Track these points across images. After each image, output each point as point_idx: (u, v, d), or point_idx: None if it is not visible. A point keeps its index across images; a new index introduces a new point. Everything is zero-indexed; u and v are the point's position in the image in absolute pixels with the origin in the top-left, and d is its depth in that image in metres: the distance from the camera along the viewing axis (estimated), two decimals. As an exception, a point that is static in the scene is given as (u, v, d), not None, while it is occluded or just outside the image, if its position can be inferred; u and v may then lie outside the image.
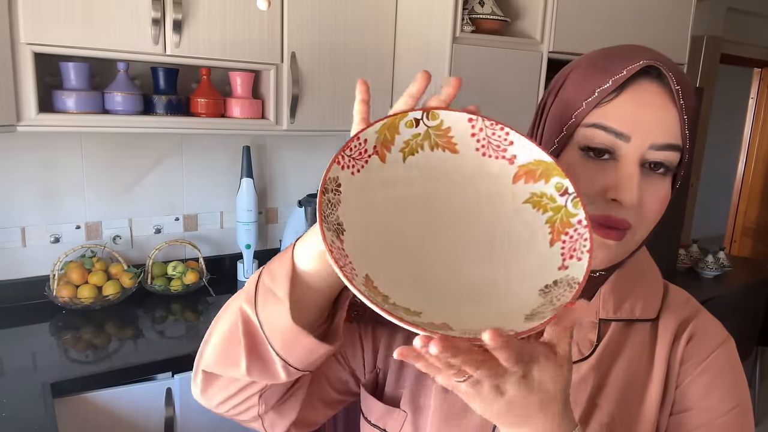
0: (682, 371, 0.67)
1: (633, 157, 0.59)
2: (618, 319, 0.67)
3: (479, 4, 1.90)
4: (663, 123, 0.59)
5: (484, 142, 0.54)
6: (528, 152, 0.54)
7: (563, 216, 0.52)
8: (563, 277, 0.49)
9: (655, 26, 2.31)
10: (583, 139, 0.61)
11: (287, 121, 1.82)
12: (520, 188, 0.54)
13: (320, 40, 1.83)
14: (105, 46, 1.51)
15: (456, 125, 0.54)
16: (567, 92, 0.63)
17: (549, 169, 0.53)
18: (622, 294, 0.68)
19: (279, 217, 2.27)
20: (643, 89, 0.59)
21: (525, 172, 0.54)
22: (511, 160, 0.54)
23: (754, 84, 4.88)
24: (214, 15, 1.64)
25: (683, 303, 0.71)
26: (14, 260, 1.80)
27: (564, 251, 0.51)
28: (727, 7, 3.67)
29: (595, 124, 0.60)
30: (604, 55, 0.63)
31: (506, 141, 0.54)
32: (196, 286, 1.96)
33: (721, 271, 2.95)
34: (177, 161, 2.01)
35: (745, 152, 5.04)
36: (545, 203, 0.53)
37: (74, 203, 1.86)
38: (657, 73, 0.59)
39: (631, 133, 0.59)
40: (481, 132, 0.54)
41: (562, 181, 0.53)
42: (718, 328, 0.70)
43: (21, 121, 1.46)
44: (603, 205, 0.60)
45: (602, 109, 0.60)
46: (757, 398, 3.22)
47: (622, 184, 0.59)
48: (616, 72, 0.60)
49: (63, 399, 1.38)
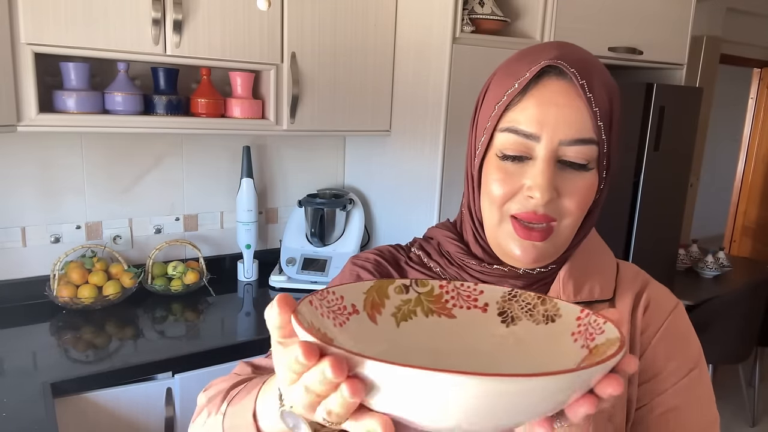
0: (643, 340, 0.70)
1: (544, 154, 0.61)
2: (579, 302, 0.69)
3: (479, 4, 1.90)
4: (570, 118, 0.61)
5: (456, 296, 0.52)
6: (494, 293, 0.52)
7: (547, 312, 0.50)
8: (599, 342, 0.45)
9: (655, 26, 2.31)
10: (500, 145, 0.64)
11: (287, 121, 1.83)
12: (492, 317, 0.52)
13: (320, 40, 1.83)
14: (105, 46, 1.51)
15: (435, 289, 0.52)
16: (488, 96, 0.67)
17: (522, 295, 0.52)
18: (580, 278, 0.71)
19: (279, 217, 2.27)
20: (546, 88, 0.61)
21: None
22: (484, 308, 0.52)
23: (754, 84, 4.89)
24: (214, 15, 1.64)
25: (634, 277, 0.74)
26: (14, 260, 1.80)
27: (582, 343, 0.47)
28: (727, 7, 3.67)
29: (507, 129, 0.63)
30: (516, 57, 0.66)
31: (476, 291, 0.53)
32: (196, 286, 1.96)
33: (720, 271, 2.95)
34: (177, 161, 2.01)
35: (745, 152, 5.04)
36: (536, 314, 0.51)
37: (74, 203, 1.86)
38: (561, 71, 0.61)
39: (539, 133, 0.61)
40: (452, 291, 0.53)
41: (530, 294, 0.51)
42: (668, 295, 0.74)
43: (21, 121, 1.46)
44: (524, 204, 0.63)
45: (512, 112, 0.63)
46: (756, 398, 3.22)
47: (534, 183, 0.61)
48: (521, 74, 0.62)
49: (63, 399, 1.38)
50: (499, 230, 0.66)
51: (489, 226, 0.67)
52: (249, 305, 1.98)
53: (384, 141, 2.10)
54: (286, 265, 2.07)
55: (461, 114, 1.86)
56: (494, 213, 0.65)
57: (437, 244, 0.75)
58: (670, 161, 2.40)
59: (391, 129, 2.06)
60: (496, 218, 0.65)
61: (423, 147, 1.93)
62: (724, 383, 3.44)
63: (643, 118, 2.25)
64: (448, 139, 1.86)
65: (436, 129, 1.87)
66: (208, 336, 1.69)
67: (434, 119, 1.87)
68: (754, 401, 3.19)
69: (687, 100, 2.41)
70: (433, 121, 1.88)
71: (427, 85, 1.89)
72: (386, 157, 2.11)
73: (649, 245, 2.40)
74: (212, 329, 1.75)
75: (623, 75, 2.53)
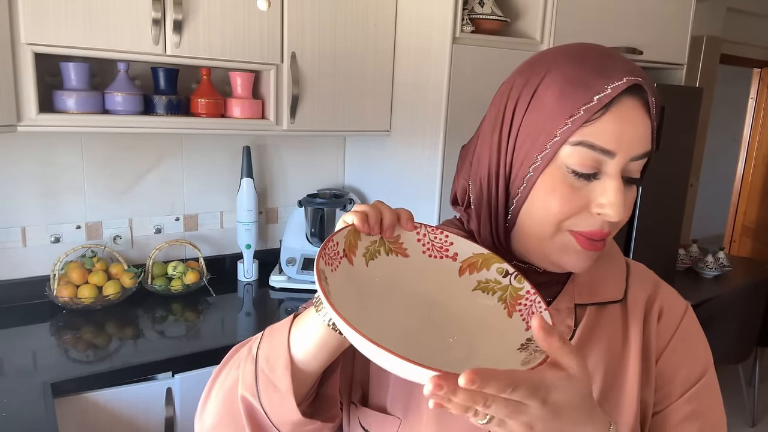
0: (658, 346, 0.71)
1: (616, 172, 0.61)
2: (592, 303, 0.70)
3: (479, 5, 1.90)
4: (642, 136, 0.61)
5: (429, 245, 0.64)
6: (466, 248, 0.64)
7: (511, 292, 0.61)
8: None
9: (655, 26, 2.31)
10: (569, 159, 0.61)
11: (287, 121, 1.83)
12: (467, 279, 0.63)
13: (320, 41, 1.83)
14: (105, 46, 1.51)
15: (404, 233, 0.63)
16: (545, 106, 0.62)
17: (487, 258, 0.63)
18: (593, 279, 0.71)
19: (279, 217, 2.27)
20: (626, 106, 0.60)
21: (468, 265, 0.63)
22: (454, 257, 0.64)
23: (754, 84, 4.89)
24: (214, 15, 1.64)
25: (644, 279, 0.75)
26: (14, 260, 1.80)
27: (524, 316, 0.59)
28: (727, 7, 3.67)
29: (581, 143, 0.60)
30: (578, 66, 0.62)
31: (447, 242, 0.64)
32: (196, 286, 1.96)
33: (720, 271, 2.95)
34: (177, 161, 2.01)
35: (745, 152, 5.04)
36: (492, 286, 0.62)
37: (74, 203, 1.86)
38: (636, 88, 0.60)
39: (616, 150, 0.60)
40: (425, 237, 0.63)
41: (501, 265, 0.63)
42: (678, 299, 0.75)
43: (21, 121, 1.46)
44: (590, 221, 0.62)
45: (588, 127, 0.60)
46: (756, 398, 3.22)
47: (610, 202, 0.60)
48: (598, 89, 0.60)
49: (63, 399, 1.38)
50: (551, 243, 0.64)
51: (537, 237, 0.64)
52: (249, 305, 1.98)
53: (384, 141, 2.10)
54: (286, 265, 2.07)
55: (461, 114, 1.86)
56: (549, 227, 0.63)
57: None
58: (670, 161, 2.40)
59: (391, 129, 2.06)
60: (550, 232, 0.63)
61: (423, 147, 1.93)
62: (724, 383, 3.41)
63: (643, 118, 2.25)
64: (448, 139, 1.86)
65: (436, 129, 1.87)
66: (208, 336, 1.69)
67: (434, 119, 1.87)
68: (754, 401, 3.19)
69: (687, 100, 2.41)
70: (433, 121, 1.88)
71: (427, 85, 1.89)
72: (386, 157, 2.11)
73: (649, 245, 2.40)
74: (212, 329, 1.75)
75: (623, 75, 2.52)
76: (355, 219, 0.59)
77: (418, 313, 0.61)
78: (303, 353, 0.59)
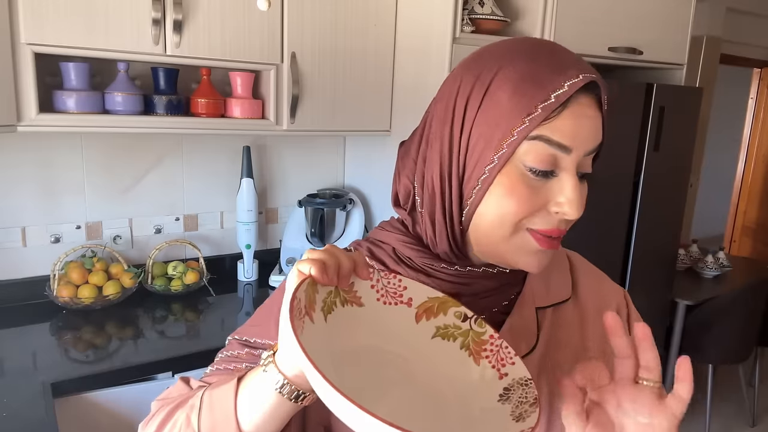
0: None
1: (573, 169, 0.60)
2: (551, 305, 0.71)
3: (479, 5, 1.90)
4: (596, 131, 0.61)
5: (383, 291, 0.60)
6: (420, 293, 0.61)
7: (473, 337, 0.59)
8: (511, 382, 0.55)
9: (655, 26, 2.31)
10: (526, 156, 0.59)
11: (287, 121, 1.83)
12: (425, 326, 0.60)
13: (320, 41, 1.83)
14: (105, 46, 1.51)
15: (358, 280, 0.59)
16: (499, 104, 0.59)
17: (443, 302, 0.60)
18: (546, 280, 0.72)
19: (279, 217, 2.27)
20: (581, 103, 0.59)
21: (424, 311, 0.60)
22: (409, 302, 0.60)
23: (754, 84, 4.89)
24: (214, 15, 1.64)
25: (588, 273, 0.77)
26: (14, 260, 1.80)
27: (493, 363, 0.57)
28: (727, 8, 3.67)
29: (538, 137, 0.58)
30: (530, 62, 0.60)
31: (400, 287, 0.60)
32: (196, 286, 1.96)
33: (720, 271, 2.95)
34: (177, 161, 2.01)
35: (745, 152, 5.04)
36: (452, 332, 0.60)
37: (74, 203, 1.86)
38: (590, 84, 0.59)
39: (573, 146, 0.59)
40: (378, 283, 0.60)
41: (458, 309, 0.60)
42: (619, 289, 0.78)
43: (21, 121, 1.46)
44: (547, 219, 0.61)
45: (545, 125, 0.58)
46: (756, 398, 3.22)
47: (569, 199, 0.60)
48: (555, 86, 0.58)
49: (63, 399, 1.38)
50: (509, 243, 0.62)
51: (494, 238, 0.62)
52: (249, 305, 1.98)
53: (384, 141, 2.10)
54: (286, 265, 2.07)
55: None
56: (507, 228, 0.61)
57: (392, 250, 0.69)
58: (670, 161, 2.39)
59: (391, 129, 2.06)
60: (508, 232, 0.61)
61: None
62: (724, 383, 3.44)
63: (643, 118, 2.25)
64: (448, 139, 1.86)
65: (436, 129, 1.87)
66: (208, 336, 1.69)
67: (434, 119, 1.87)
68: (754, 401, 3.19)
69: (687, 100, 2.41)
70: (433, 121, 1.87)
71: (427, 85, 1.89)
72: (386, 157, 2.11)
73: (649, 245, 2.40)
74: (212, 329, 1.75)
75: (623, 75, 2.53)
76: (313, 269, 0.54)
77: (385, 371, 0.57)
78: (253, 424, 0.56)
